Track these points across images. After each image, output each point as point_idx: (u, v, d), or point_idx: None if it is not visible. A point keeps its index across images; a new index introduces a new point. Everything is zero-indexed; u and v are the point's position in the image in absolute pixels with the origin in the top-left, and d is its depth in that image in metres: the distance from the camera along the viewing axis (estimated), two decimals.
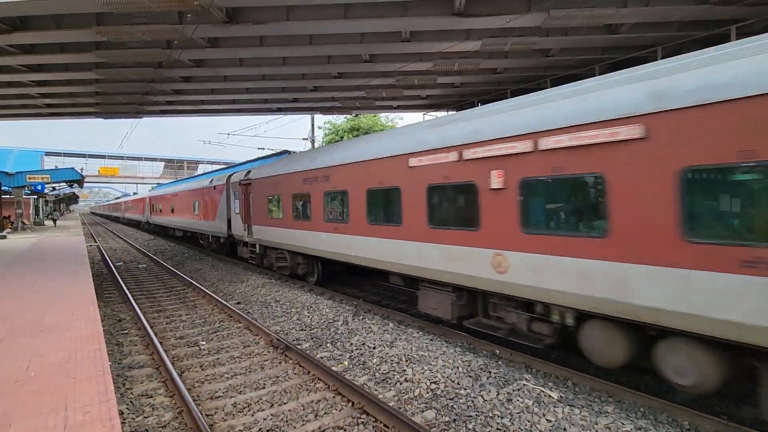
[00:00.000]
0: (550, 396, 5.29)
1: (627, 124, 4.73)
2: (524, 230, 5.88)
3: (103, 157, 74.86)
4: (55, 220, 41.24)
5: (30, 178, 29.14)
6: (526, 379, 5.75)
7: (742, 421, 4.70)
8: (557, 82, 17.15)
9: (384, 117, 35.07)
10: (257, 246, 15.06)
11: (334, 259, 10.49)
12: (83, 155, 72.97)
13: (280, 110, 22.84)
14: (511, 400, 5.24)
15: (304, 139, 30.12)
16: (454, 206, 7.13)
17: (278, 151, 27.96)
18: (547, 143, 5.52)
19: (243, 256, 16.56)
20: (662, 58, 13.70)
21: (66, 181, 34.90)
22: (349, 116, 32.28)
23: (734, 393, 5.35)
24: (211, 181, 20.17)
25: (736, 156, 3.93)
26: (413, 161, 7.72)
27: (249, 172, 15.89)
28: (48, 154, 64.12)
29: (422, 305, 8.04)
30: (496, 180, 6.23)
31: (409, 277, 8.30)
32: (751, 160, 3.86)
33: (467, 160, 6.66)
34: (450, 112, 23.61)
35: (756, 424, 4.75)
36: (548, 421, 4.78)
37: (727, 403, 5.22)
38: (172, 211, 27.79)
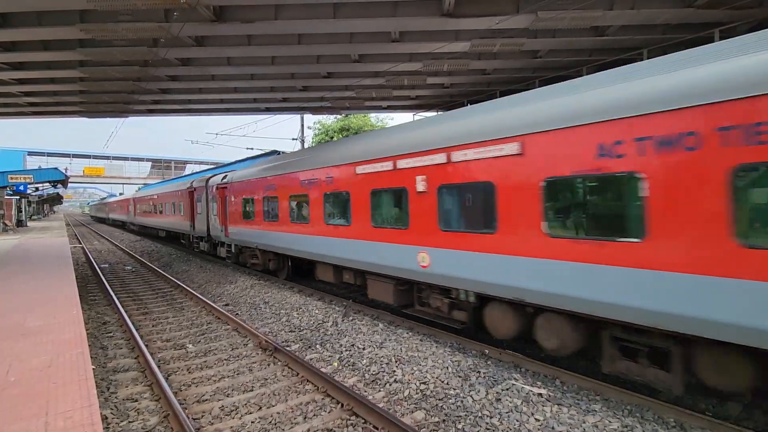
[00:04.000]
0: (538, 395, 5.32)
1: (509, 142, 5.92)
2: (442, 228, 7.04)
3: (88, 157, 73.52)
4: (20, 221, 36.48)
5: (12, 178, 28.51)
6: (515, 379, 5.78)
7: (725, 418, 4.78)
8: (546, 83, 17.31)
9: (374, 117, 35.05)
10: (233, 246, 16.02)
11: (299, 257, 11.53)
12: (67, 155, 71.60)
13: (268, 110, 22.67)
14: (500, 399, 5.26)
15: (293, 139, 29.96)
16: (391, 208, 8.24)
17: (267, 151, 27.74)
18: (457, 156, 6.67)
19: (221, 256, 17.40)
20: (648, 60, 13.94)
21: (49, 182, 34.23)
22: (339, 116, 32.18)
23: (718, 392, 5.45)
24: (191, 184, 20.70)
25: (569, 171, 5.24)
26: (359, 169, 8.78)
27: (226, 176, 16.80)
28: (31, 153, 62.82)
29: (370, 294, 9.11)
30: (421, 185, 7.35)
31: (360, 271, 9.44)
32: (578, 174, 5.19)
33: (400, 168, 7.78)
34: (438, 113, 23.71)
35: (739, 421, 4.83)
36: (537, 420, 4.81)
37: (711, 401, 5.31)
38: (157, 212, 27.99)
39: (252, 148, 30.04)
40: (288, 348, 7.49)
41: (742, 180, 3.88)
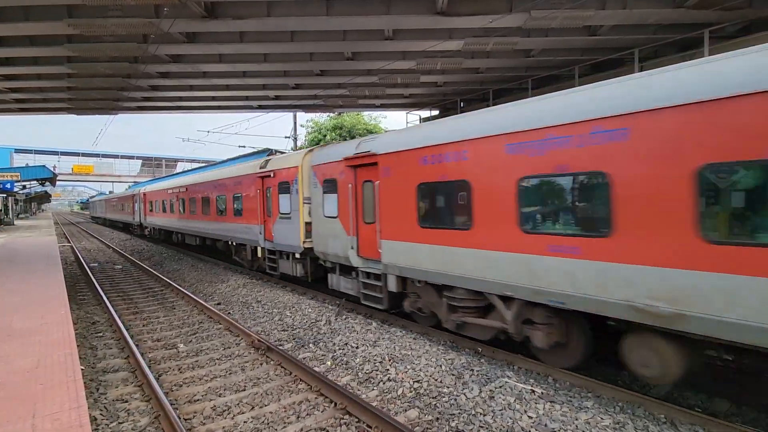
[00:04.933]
0: (531, 392, 5.34)
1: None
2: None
3: (77, 154, 72.56)
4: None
5: None
6: (508, 377, 5.80)
7: (715, 414, 4.84)
8: (539, 82, 17.41)
9: (367, 115, 34.99)
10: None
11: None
12: (56, 152, 70.59)
13: (261, 108, 22.55)
14: (494, 397, 5.27)
15: (286, 137, 29.85)
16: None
17: (260, 149, 27.57)
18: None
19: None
20: (640, 60, 14.08)
21: (37, 180, 33.73)
22: (332, 114, 32.07)
23: (708, 387, 5.52)
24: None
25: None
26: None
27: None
28: (18, 151, 61.83)
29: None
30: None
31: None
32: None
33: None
34: (433, 112, 23.70)
35: (728, 416, 4.90)
36: (530, 417, 4.83)
37: (700, 397, 5.37)
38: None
39: (244, 146, 29.88)
40: (281, 347, 7.45)
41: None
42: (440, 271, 6.92)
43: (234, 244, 15.40)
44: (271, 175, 12.27)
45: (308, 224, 10.74)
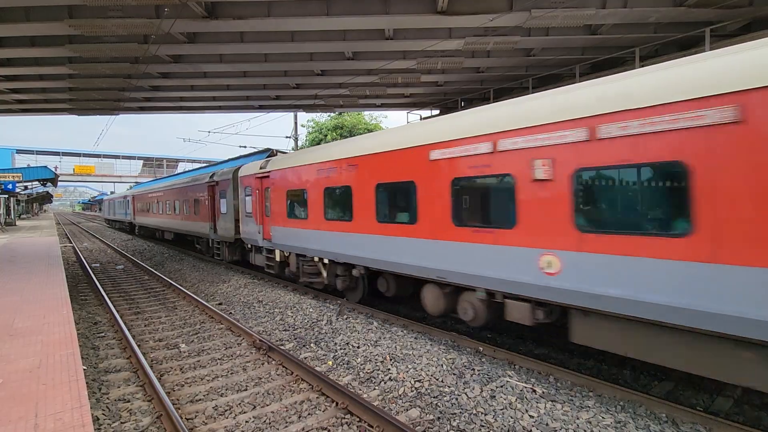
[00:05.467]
0: (533, 391, 5.35)
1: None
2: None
3: (78, 155, 72.74)
4: None
5: (0, 176, 28.10)
6: (509, 376, 5.80)
7: (716, 413, 4.83)
8: (539, 81, 17.39)
9: (368, 115, 34.98)
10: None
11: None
12: (57, 153, 70.76)
13: (262, 108, 22.55)
14: (495, 396, 5.27)
15: (287, 137, 29.84)
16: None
17: (261, 149, 27.57)
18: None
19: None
20: (640, 59, 14.06)
21: (39, 180, 33.79)
22: (332, 114, 32.07)
23: (709, 386, 5.51)
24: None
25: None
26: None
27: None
28: (20, 151, 61.99)
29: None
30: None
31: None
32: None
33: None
34: (433, 112, 23.70)
35: (729, 415, 4.89)
36: (531, 416, 4.83)
37: (702, 396, 5.37)
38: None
39: (245, 146, 29.89)
40: (282, 347, 7.46)
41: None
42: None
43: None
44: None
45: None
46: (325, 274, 10.24)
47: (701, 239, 4.09)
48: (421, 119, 24.03)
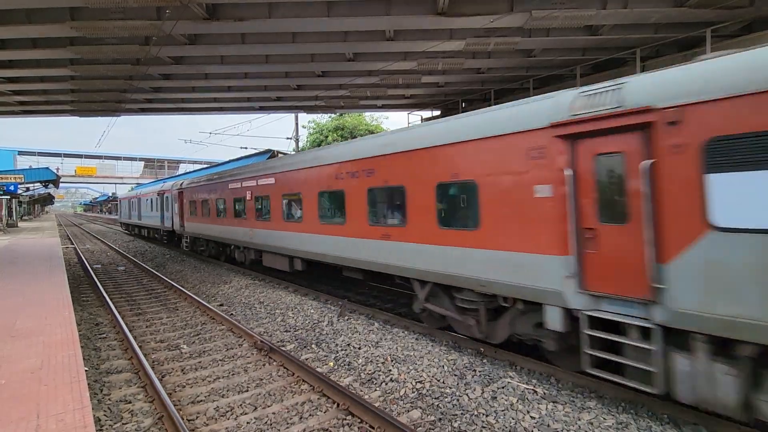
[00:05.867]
0: (534, 393, 5.34)
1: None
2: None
3: (79, 156, 72.87)
4: None
5: (2, 178, 28.17)
6: (510, 377, 5.80)
7: (718, 414, 4.82)
8: (540, 82, 17.39)
9: (368, 116, 34.99)
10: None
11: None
12: (59, 154, 70.92)
13: (262, 109, 22.58)
14: (496, 397, 5.27)
15: (288, 138, 29.85)
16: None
17: (261, 150, 27.60)
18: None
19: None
20: (641, 60, 14.05)
21: (41, 182, 33.86)
22: (333, 115, 32.09)
23: None
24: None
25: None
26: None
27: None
28: (21, 153, 62.09)
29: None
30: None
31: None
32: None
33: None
34: (434, 113, 23.69)
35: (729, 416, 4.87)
36: (532, 418, 4.82)
37: None
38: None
39: (246, 147, 29.90)
40: (283, 348, 7.46)
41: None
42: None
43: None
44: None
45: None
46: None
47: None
48: (422, 120, 24.05)
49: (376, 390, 5.78)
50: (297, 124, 28.92)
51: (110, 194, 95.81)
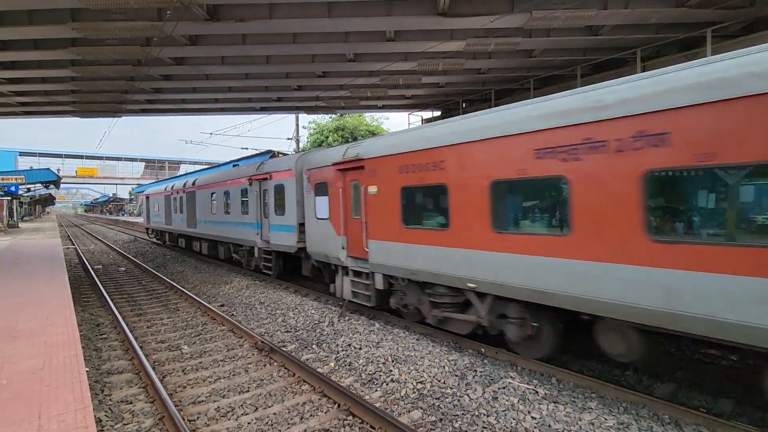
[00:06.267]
0: (535, 393, 5.34)
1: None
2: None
3: (80, 157, 73.00)
4: None
5: (3, 179, 28.21)
6: (511, 377, 5.79)
7: (719, 414, 4.82)
8: (541, 82, 17.38)
9: (369, 117, 35.02)
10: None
11: None
12: (59, 155, 71.02)
13: (263, 109, 22.60)
14: (497, 398, 5.26)
15: (288, 138, 29.93)
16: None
17: (263, 151, 27.63)
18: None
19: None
20: (642, 60, 14.04)
21: (42, 182, 33.93)
22: (334, 116, 32.12)
23: (712, 388, 5.49)
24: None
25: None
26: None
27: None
28: (22, 154, 62.22)
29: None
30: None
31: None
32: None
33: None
34: (435, 113, 23.69)
35: (734, 416, 4.87)
36: (533, 418, 4.82)
37: (705, 397, 5.34)
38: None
39: (246, 148, 29.92)
40: (284, 348, 7.46)
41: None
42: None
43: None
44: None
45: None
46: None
47: None
48: (422, 121, 24.06)
49: (376, 390, 5.78)
50: (297, 124, 28.96)
51: (110, 195, 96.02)
